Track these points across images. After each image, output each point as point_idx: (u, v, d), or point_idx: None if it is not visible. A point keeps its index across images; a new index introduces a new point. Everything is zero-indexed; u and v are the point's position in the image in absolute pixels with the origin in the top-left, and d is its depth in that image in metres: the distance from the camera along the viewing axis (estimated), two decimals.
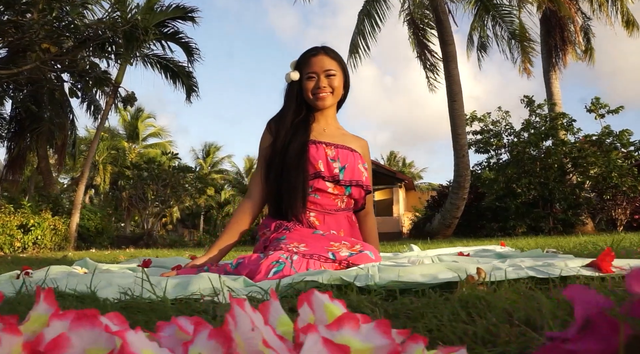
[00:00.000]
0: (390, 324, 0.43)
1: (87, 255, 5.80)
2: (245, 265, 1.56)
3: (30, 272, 1.89)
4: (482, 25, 11.25)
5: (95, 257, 4.77)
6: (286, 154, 1.79)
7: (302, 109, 1.94)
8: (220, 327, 0.43)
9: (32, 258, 4.83)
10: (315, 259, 1.52)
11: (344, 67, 2.00)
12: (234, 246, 1.90)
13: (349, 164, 1.86)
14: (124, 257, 4.33)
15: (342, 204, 1.87)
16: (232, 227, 1.86)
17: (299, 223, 1.78)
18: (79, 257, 5.18)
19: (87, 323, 0.45)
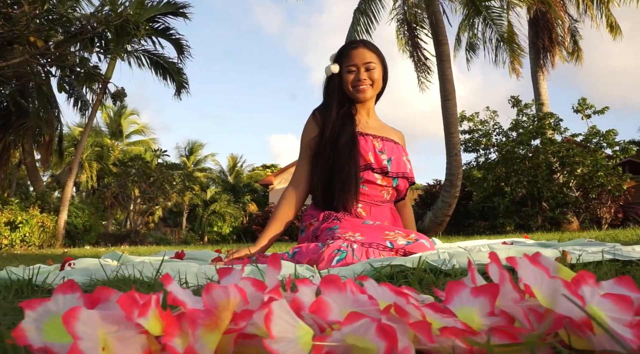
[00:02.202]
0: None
1: (83, 252, 5.72)
2: (304, 254, 1.57)
3: (72, 263, 1.88)
4: (472, 26, 11.40)
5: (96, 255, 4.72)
6: (337, 146, 1.81)
7: (345, 101, 1.97)
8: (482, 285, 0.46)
9: (31, 255, 4.74)
10: (374, 247, 1.54)
11: (383, 60, 2.02)
12: (279, 236, 1.91)
13: (395, 156, 1.89)
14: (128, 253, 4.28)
15: (387, 195, 1.90)
16: (280, 218, 1.86)
17: (347, 214, 1.80)
18: (82, 253, 5.11)
19: (336, 288, 0.48)
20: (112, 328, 0.41)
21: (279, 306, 0.40)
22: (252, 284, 0.45)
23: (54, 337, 0.42)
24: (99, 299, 0.43)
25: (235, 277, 0.47)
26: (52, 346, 0.40)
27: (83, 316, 0.39)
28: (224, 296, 0.41)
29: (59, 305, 0.43)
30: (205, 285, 0.43)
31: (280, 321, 0.39)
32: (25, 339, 0.40)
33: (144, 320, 0.40)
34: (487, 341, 0.39)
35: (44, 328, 0.42)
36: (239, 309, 0.42)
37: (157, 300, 0.41)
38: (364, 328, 0.40)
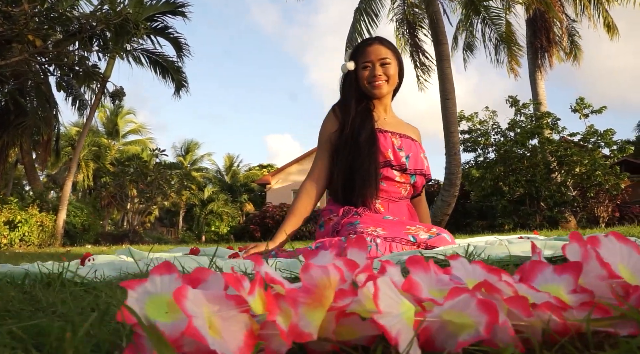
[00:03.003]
0: None
1: (85, 251, 5.70)
2: (327, 249, 1.58)
3: (92, 258, 1.89)
4: (470, 26, 11.44)
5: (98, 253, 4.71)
6: (357, 142, 1.82)
7: (363, 98, 1.98)
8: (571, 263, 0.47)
9: (36, 253, 4.72)
10: (397, 242, 1.55)
11: (399, 57, 2.03)
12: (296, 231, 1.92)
13: (413, 153, 1.90)
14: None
15: (405, 192, 1.92)
16: (299, 212, 1.87)
17: (367, 209, 1.81)
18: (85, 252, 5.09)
19: (422, 268, 0.49)
20: (214, 307, 0.41)
21: (384, 283, 0.40)
22: (345, 264, 0.45)
23: (154, 316, 0.42)
24: (199, 279, 0.43)
25: (326, 257, 0.48)
26: (158, 326, 0.41)
27: (190, 295, 0.40)
28: (323, 275, 0.42)
29: (157, 286, 0.44)
30: (303, 265, 0.44)
31: (385, 297, 0.40)
32: (132, 319, 0.40)
33: (252, 299, 0.40)
34: (587, 315, 0.40)
35: (144, 308, 0.42)
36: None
37: (261, 280, 0.41)
38: (464, 303, 0.41)
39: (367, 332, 0.44)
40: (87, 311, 0.76)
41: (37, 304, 0.87)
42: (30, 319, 0.69)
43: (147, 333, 0.36)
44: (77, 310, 0.78)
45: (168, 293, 0.43)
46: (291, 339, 0.40)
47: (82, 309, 0.76)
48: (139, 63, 12.17)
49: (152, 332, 0.37)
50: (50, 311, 0.80)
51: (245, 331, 0.41)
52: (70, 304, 0.78)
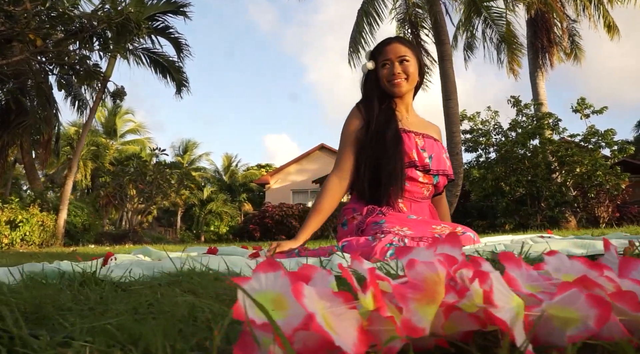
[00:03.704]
0: None
1: (88, 250, 5.69)
2: (355, 248, 1.58)
3: (114, 258, 1.89)
4: (471, 26, 11.47)
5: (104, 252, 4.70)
6: (383, 141, 1.82)
7: (385, 97, 1.98)
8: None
9: (42, 253, 4.71)
10: (424, 241, 1.56)
11: (418, 55, 2.03)
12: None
13: (435, 154, 1.91)
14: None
15: (427, 192, 1.92)
16: (323, 210, 1.86)
17: (391, 208, 1.82)
18: (89, 252, 5.08)
19: (515, 264, 0.49)
20: (325, 303, 0.42)
21: (495, 278, 0.41)
22: (445, 260, 0.46)
23: (260, 314, 0.42)
24: (306, 276, 0.43)
25: (423, 254, 0.48)
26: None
27: (306, 291, 0.40)
28: (430, 271, 0.42)
29: (262, 283, 0.44)
30: (408, 261, 0.44)
31: (498, 292, 0.40)
32: (243, 316, 0.41)
33: (365, 295, 0.41)
34: None
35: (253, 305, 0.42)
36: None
37: (375, 275, 0.42)
38: (573, 298, 0.41)
39: (466, 327, 0.45)
40: (144, 310, 0.76)
41: (86, 303, 0.87)
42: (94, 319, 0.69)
43: (275, 329, 0.37)
44: (130, 309, 0.78)
45: (273, 290, 0.44)
46: (404, 335, 0.41)
47: (136, 308, 0.76)
48: (139, 63, 12.18)
49: (278, 329, 0.37)
50: (100, 309, 0.80)
51: (357, 327, 0.41)
52: (161, 305, 0.78)
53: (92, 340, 0.53)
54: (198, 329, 0.53)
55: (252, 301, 0.42)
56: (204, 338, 0.47)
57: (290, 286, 0.43)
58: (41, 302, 0.87)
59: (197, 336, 0.49)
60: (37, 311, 0.79)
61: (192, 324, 0.55)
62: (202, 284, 0.99)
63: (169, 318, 0.59)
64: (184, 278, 1.09)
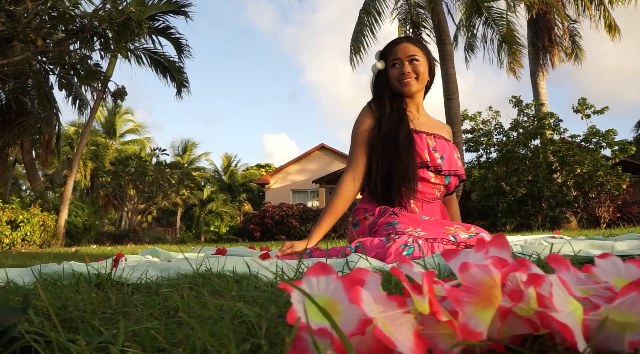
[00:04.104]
0: None
1: (91, 250, 5.68)
2: (369, 249, 1.57)
3: (125, 258, 1.88)
4: (472, 27, 11.46)
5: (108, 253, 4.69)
6: (395, 142, 1.81)
7: (395, 97, 1.97)
8: None
9: (45, 253, 4.70)
10: (438, 242, 1.55)
11: (429, 55, 2.02)
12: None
13: (447, 154, 1.90)
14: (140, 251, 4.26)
15: (438, 193, 1.91)
16: (337, 211, 1.85)
17: (403, 209, 1.81)
18: (93, 252, 5.07)
19: (564, 267, 0.48)
20: (380, 308, 0.41)
21: (554, 281, 0.40)
22: (496, 263, 0.45)
23: (314, 318, 0.42)
24: (361, 280, 0.43)
25: (473, 256, 0.47)
26: (327, 328, 0.40)
27: (364, 296, 0.40)
28: (485, 274, 0.42)
29: (313, 287, 0.43)
30: (460, 265, 0.43)
31: (557, 295, 0.40)
32: (300, 321, 0.40)
33: (421, 299, 0.40)
34: None
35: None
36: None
37: (428, 281, 0.41)
38: (633, 301, 0.40)
39: (519, 331, 0.44)
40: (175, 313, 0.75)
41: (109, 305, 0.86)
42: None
43: (339, 335, 0.36)
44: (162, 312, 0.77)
45: (325, 294, 0.43)
46: (461, 339, 0.40)
47: (167, 312, 0.75)
48: (141, 63, 12.14)
49: (341, 335, 0.36)
50: (132, 313, 0.79)
51: (413, 331, 0.41)
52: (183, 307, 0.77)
53: (130, 345, 0.52)
54: (241, 333, 0.52)
55: (306, 306, 0.42)
56: (257, 344, 0.46)
57: (342, 290, 0.43)
58: (63, 304, 0.86)
59: (246, 341, 0.48)
60: (61, 313, 0.78)
61: (235, 329, 0.54)
62: (223, 286, 0.98)
63: (209, 321, 0.58)
64: (202, 280, 1.08)
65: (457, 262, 0.49)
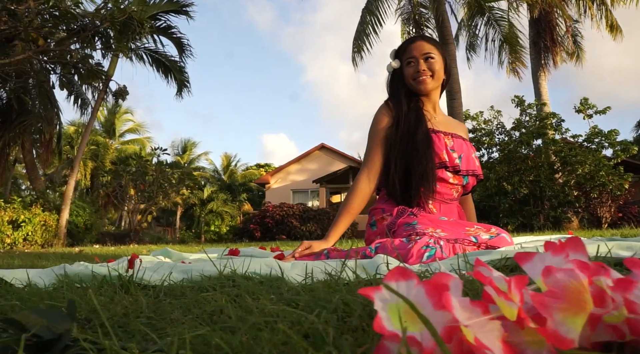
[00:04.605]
0: None
1: (94, 250, 5.66)
2: (390, 250, 1.56)
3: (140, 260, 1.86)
4: (474, 26, 11.46)
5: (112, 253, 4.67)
6: (414, 142, 1.79)
7: (412, 96, 1.96)
8: None
9: (49, 254, 4.67)
10: (460, 243, 1.54)
11: (443, 53, 2.00)
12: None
13: (465, 154, 1.89)
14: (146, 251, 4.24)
15: (456, 194, 1.90)
16: (353, 211, 1.84)
17: (422, 209, 1.79)
18: (96, 252, 5.05)
19: None
20: (465, 314, 0.40)
21: None
22: (579, 266, 0.44)
23: (396, 326, 0.40)
24: (445, 285, 0.41)
25: (549, 259, 0.46)
26: (416, 336, 0.39)
27: (454, 302, 0.38)
28: (572, 278, 0.41)
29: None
30: (544, 269, 0.42)
31: None
32: (384, 329, 0.39)
33: (509, 305, 0.39)
34: None
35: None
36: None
37: (521, 283, 0.40)
38: None
39: (605, 338, 0.43)
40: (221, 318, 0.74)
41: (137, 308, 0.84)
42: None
43: (438, 343, 0.34)
44: (206, 318, 0.75)
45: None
46: (550, 347, 0.39)
47: (211, 317, 0.73)
48: (141, 62, 12.11)
49: (440, 343, 0.35)
50: (157, 316, 0.78)
51: (500, 339, 0.39)
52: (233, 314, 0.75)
53: (185, 353, 0.50)
54: (299, 340, 0.51)
55: (388, 313, 0.40)
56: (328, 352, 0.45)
57: (425, 295, 0.41)
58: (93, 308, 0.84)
59: (319, 350, 0.47)
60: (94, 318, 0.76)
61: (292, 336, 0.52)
62: (254, 289, 0.96)
63: (263, 327, 0.56)
64: (227, 282, 1.06)
65: (534, 266, 0.48)
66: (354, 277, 1.04)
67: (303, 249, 1.76)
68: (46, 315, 0.56)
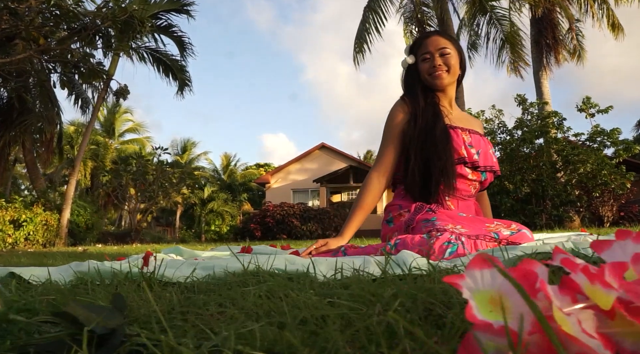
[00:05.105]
0: None
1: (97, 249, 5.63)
2: (410, 246, 1.54)
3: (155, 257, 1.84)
4: (473, 25, 11.45)
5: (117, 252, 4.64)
6: (432, 138, 1.77)
7: (428, 91, 1.94)
8: None
9: (55, 253, 4.65)
10: (481, 239, 1.52)
11: (459, 48, 1.98)
12: None
13: (482, 150, 1.87)
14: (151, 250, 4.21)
15: (474, 190, 1.88)
16: (367, 207, 1.82)
17: (440, 206, 1.78)
18: (99, 251, 5.02)
19: None
20: (557, 303, 0.38)
21: None
22: None
23: (485, 315, 0.39)
24: (532, 273, 0.39)
25: (627, 248, 0.44)
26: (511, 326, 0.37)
27: (551, 290, 0.37)
28: None
29: (477, 281, 0.40)
30: (633, 256, 0.40)
31: None
32: (476, 319, 0.37)
33: (609, 293, 0.37)
34: None
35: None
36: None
37: (621, 272, 0.38)
38: None
39: None
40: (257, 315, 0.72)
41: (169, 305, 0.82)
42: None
43: (546, 330, 0.33)
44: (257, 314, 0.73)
45: (492, 288, 0.40)
46: None
47: (268, 313, 0.71)
48: (142, 61, 12.08)
49: (551, 335, 0.33)
50: (195, 312, 0.76)
51: (594, 329, 0.37)
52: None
53: (243, 349, 0.48)
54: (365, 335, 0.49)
55: (475, 302, 0.38)
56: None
57: (511, 284, 0.39)
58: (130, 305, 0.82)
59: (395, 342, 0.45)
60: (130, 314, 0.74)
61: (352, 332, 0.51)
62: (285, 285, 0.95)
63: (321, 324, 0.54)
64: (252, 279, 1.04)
65: (613, 253, 0.46)
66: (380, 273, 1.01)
67: (319, 246, 1.74)
68: (94, 310, 0.54)
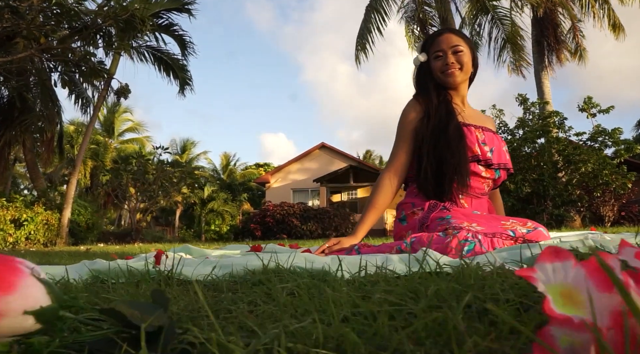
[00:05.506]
0: None
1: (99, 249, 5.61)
2: (426, 244, 1.53)
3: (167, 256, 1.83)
4: (474, 25, 11.44)
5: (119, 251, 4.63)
6: (446, 135, 1.76)
7: (440, 89, 1.93)
8: None
9: (56, 252, 4.63)
10: (497, 237, 1.51)
11: (471, 45, 1.97)
12: None
13: (496, 147, 1.86)
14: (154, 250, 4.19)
15: (487, 188, 1.87)
16: (380, 206, 1.81)
17: (454, 204, 1.77)
18: (101, 251, 5.01)
19: None
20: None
21: None
22: None
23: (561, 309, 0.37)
24: (609, 266, 0.38)
25: None
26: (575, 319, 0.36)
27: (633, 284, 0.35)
28: None
29: (549, 274, 0.39)
30: None
31: None
32: (554, 312, 0.36)
33: None
34: None
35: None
36: None
37: None
38: None
39: None
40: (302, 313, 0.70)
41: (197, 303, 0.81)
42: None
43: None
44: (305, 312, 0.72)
45: (564, 282, 0.39)
46: None
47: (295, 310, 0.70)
48: (144, 60, 12.05)
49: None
50: (225, 309, 0.74)
51: None
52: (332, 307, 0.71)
53: (294, 347, 0.47)
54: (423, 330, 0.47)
55: (551, 295, 0.37)
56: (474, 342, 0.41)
57: (585, 277, 0.38)
58: None
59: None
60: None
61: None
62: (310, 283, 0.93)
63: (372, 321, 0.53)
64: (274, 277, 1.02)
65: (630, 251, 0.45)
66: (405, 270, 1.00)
67: (332, 245, 1.73)
68: (138, 307, 0.52)
